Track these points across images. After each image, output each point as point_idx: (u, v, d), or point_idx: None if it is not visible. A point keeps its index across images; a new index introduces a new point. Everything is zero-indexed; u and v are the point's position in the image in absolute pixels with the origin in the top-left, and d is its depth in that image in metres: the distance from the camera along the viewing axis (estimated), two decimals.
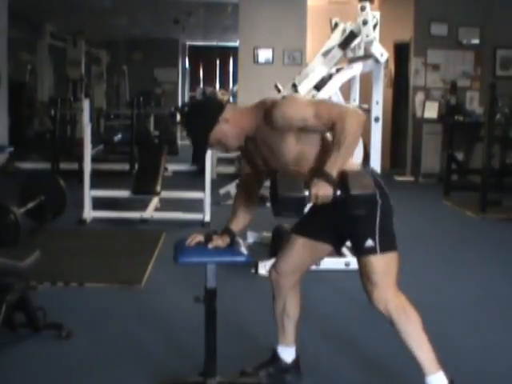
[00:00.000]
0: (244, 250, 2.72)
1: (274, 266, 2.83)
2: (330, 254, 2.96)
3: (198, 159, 2.77)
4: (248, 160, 2.78)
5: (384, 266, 2.57)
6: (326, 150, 2.52)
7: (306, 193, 2.40)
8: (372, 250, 2.55)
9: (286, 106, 2.50)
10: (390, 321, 2.59)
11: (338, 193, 2.40)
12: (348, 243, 2.94)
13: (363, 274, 2.60)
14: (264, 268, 4.59)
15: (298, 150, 2.54)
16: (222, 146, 2.64)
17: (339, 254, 4.08)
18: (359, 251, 2.60)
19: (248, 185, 2.84)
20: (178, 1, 12.24)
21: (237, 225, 2.78)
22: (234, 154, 9.73)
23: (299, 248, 2.76)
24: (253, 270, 4.62)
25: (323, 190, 2.39)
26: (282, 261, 2.79)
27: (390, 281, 2.58)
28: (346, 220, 2.58)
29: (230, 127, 2.57)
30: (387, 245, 2.57)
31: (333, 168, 2.40)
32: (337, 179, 2.40)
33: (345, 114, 2.43)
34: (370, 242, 2.54)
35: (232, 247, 2.71)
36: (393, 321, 2.58)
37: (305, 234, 2.75)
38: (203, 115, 2.63)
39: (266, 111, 2.52)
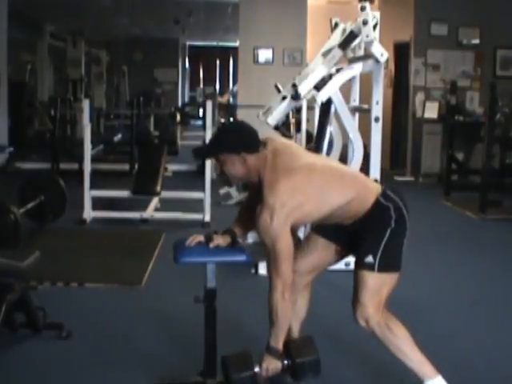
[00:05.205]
0: (244, 250, 2.72)
1: None
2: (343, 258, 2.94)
3: (198, 155, 2.87)
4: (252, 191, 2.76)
5: (377, 285, 2.57)
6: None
7: (257, 369, 2.56)
8: (370, 267, 2.55)
9: (263, 217, 2.41)
10: (375, 336, 2.60)
11: (286, 362, 2.59)
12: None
13: (355, 287, 2.61)
14: (264, 268, 4.59)
15: None
16: (224, 169, 2.59)
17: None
18: (358, 264, 2.60)
19: (253, 201, 2.68)
20: (178, 1, 12.25)
21: (239, 229, 2.76)
22: None
23: (319, 248, 2.75)
24: (253, 270, 4.62)
25: (272, 365, 2.57)
26: (301, 259, 2.74)
27: (376, 300, 2.57)
28: (359, 231, 2.59)
29: (241, 165, 2.54)
30: (387, 266, 2.56)
31: (277, 342, 2.56)
32: (282, 350, 2.57)
33: (274, 280, 2.48)
34: (370, 258, 2.55)
35: (232, 247, 2.71)
36: (377, 336, 2.60)
37: (326, 235, 2.74)
38: (234, 137, 2.56)
39: (267, 179, 2.48)
